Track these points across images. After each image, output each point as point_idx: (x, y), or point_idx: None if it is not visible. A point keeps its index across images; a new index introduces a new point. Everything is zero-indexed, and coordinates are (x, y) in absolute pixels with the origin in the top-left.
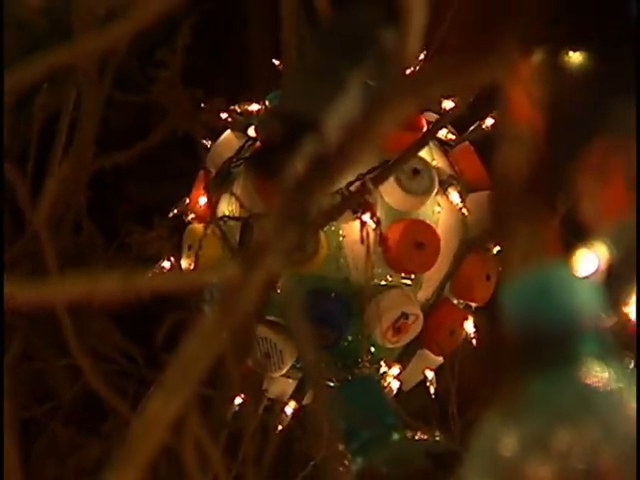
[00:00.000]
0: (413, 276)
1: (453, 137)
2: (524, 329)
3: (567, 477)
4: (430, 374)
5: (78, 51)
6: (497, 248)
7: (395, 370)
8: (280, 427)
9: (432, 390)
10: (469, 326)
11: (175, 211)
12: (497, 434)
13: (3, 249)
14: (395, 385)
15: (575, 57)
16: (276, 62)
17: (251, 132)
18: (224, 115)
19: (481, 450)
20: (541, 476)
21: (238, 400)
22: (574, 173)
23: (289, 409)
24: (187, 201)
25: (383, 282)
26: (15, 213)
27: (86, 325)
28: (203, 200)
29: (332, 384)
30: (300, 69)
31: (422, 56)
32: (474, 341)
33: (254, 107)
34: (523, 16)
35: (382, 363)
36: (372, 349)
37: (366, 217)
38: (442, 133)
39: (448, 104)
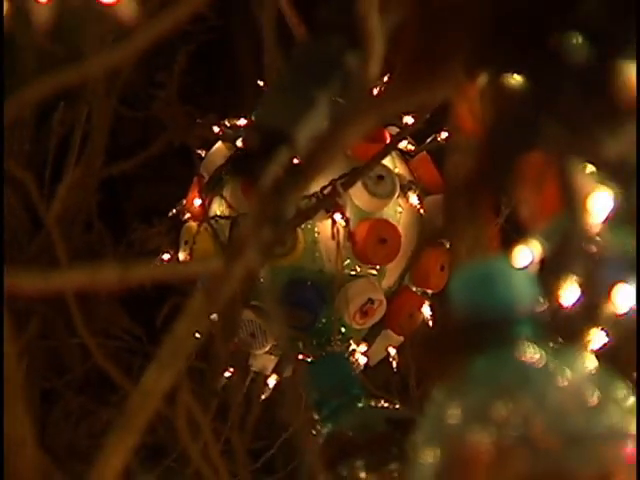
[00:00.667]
0: (378, 267)
1: (412, 148)
2: (469, 313)
3: (504, 443)
4: (392, 351)
5: (87, 71)
6: (449, 243)
7: (362, 348)
8: (263, 397)
9: (394, 365)
10: (426, 310)
11: (173, 211)
12: (444, 405)
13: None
14: (362, 361)
15: (513, 79)
16: (260, 83)
17: (239, 143)
18: (216, 129)
19: (430, 419)
20: (482, 442)
21: (227, 374)
22: (514, 181)
23: (271, 381)
24: (184, 202)
25: (352, 272)
26: (33, 214)
27: (98, 309)
28: (197, 202)
29: (308, 359)
30: (276, 88)
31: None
32: (430, 323)
33: (242, 122)
34: (466, 44)
35: (351, 342)
36: (342, 330)
37: (337, 216)
38: (403, 144)
39: (408, 119)
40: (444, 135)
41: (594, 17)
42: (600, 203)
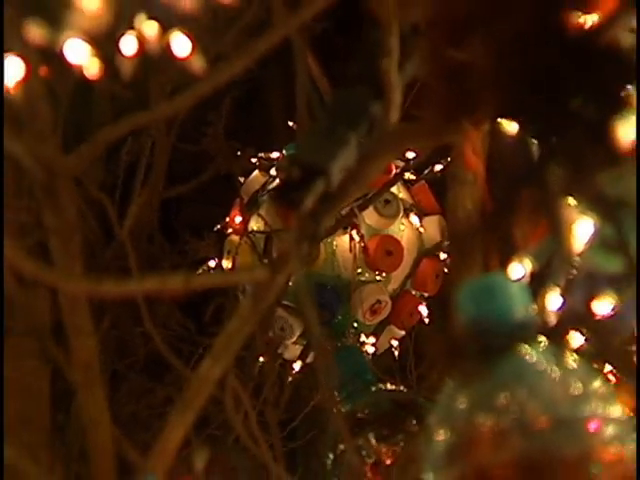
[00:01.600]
0: (384, 274)
1: (413, 177)
2: (474, 319)
3: (504, 426)
4: (395, 343)
5: (154, 115)
6: (444, 256)
7: (371, 340)
8: (290, 379)
9: (396, 354)
10: (423, 310)
11: (218, 226)
12: (454, 395)
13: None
14: (371, 350)
15: (511, 126)
16: (290, 124)
17: (272, 172)
18: (253, 160)
19: (442, 406)
20: (485, 425)
21: (262, 359)
22: (511, 213)
23: (296, 366)
24: (227, 220)
25: (364, 278)
26: (107, 229)
27: (158, 307)
28: (238, 219)
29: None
30: (313, 130)
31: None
32: (426, 320)
33: (275, 155)
34: (474, 97)
35: (362, 335)
36: (355, 325)
37: (353, 233)
38: (406, 175)
39: (410, 154)
40: (439, 168)
41: (599, 83)
42: (583, 230)
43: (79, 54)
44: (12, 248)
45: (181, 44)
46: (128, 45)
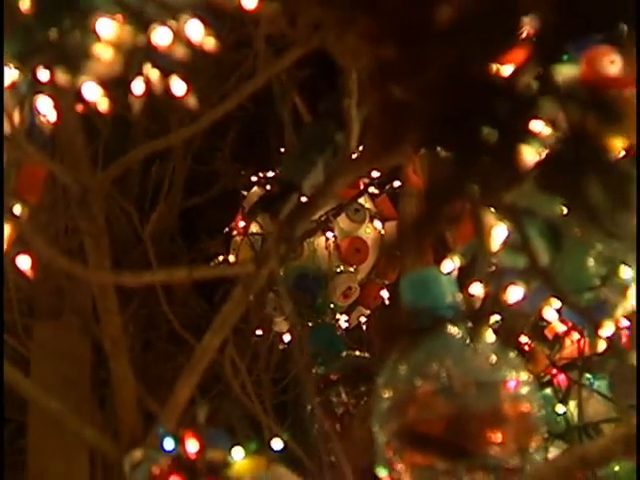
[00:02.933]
0: (354, 267)
1: (377, 191)
2: (412, 305)
3: (435, 388)
4: (363, 319)
5: (171, 140)
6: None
7: (344, 317)
8: (281, 348)
9: (364, 328)
10: (385, 294)
11: (226, 229)
12: (397, 363)
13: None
14: (344, 325)
15: (442, 152)
16: (282, 150)
17: (268, 188)
18: (253, 178)
19: (388, 371)
20: (420, 387)
21: (258, 332)
22: (442, 220)
23: (286, 337)
24: (233, 224)
25: (338, 270)
26: (135, 232)
27: (177, 291)
28: (242, 224)
29: (310, 325)
30: (291, 154)
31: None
32: (387, 302)
33: (270, 174)
34: (406, 129)
35: (337, 314)
36: (332, 306)
37: (329, 234)
38: (371, 189)
39: (375, 173)
40: (397, 184)
41: (503, 118)
42: (498, 234)
43: (94, 94)
44: (49, 249)
45: (178, 87)
46: (137, 87)
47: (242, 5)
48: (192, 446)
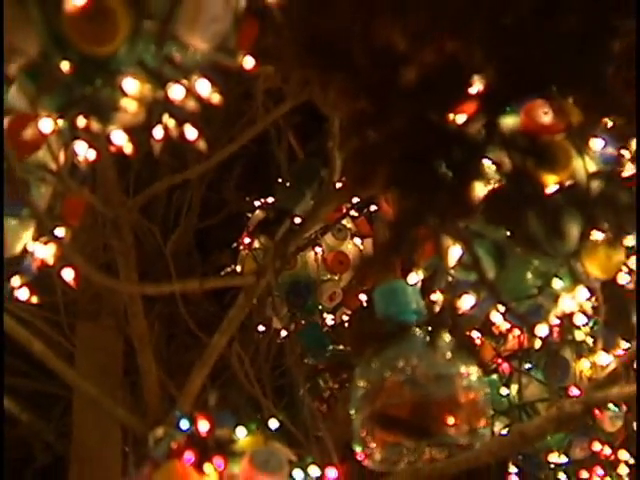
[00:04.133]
0: (338, 276)
1: (357, 214)
2: (382, 311)
3: (401, 379)
4: (345, 318)
5: (189, 175)
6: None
7: (330, 317)
8: (278, 341)
9: (346, 325)
10: (363, 297)
11: (234, 245)
12: (369, 360)
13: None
14: (330, 323)
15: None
16: (279, 180)
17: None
18: (256, 203)
19: (363, 364)
20: (389, 379)
21: (261, 328)
22: (409, 243)
23: (283, 333)
24: (239, 241)
25: (325, 278)
26: (159, 248)
27: (191, 296)
28: (247, 240)
29: (302, 323)
30: (283, 187)
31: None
32: (365, 304)
33: (270, 199)
34: (373, 169)
35: (324, 314)
36: (319, 307)
37: (318, 249)
38: (352, 212)
39: (355, 199)
40: (373, 208)
41: (457, 158)
42: (454, 253)
43: (121, 139)
44: (86, 265)
45: (191, 132)
46: (157, 133)
47: (243, 66)
48: (203, 426)
